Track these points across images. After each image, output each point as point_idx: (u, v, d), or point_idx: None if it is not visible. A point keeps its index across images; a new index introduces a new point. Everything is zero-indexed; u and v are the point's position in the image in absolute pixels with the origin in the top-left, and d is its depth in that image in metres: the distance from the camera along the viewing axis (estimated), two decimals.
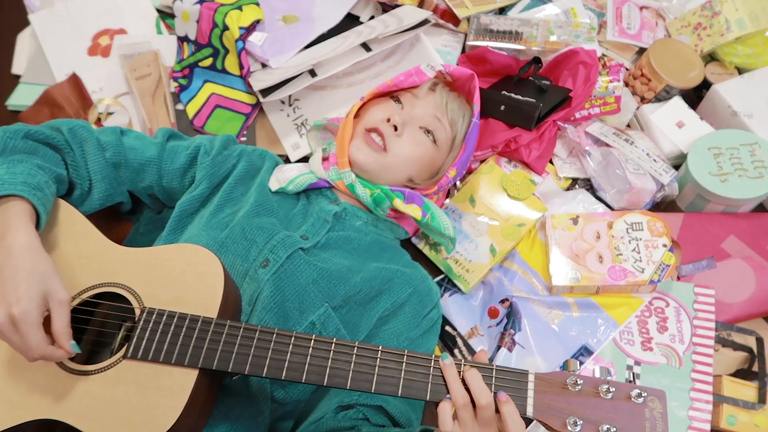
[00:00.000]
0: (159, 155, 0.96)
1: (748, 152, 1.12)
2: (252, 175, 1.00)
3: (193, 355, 0.70)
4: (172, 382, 0.69)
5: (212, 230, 0.89)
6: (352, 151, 0.96)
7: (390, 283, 0.92)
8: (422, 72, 1.02)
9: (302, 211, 0.97)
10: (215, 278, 0.75)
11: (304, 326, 0.84)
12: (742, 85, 1.21)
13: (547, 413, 0.67)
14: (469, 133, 1.01)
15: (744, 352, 1.03)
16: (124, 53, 1.24)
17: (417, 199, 0.99)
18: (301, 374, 0.69)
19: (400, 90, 1.03)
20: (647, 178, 1.12)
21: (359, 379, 0.69)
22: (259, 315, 0.82)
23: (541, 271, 1.10)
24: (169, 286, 0.75)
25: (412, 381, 0.69)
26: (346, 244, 0.95)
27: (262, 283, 0.84)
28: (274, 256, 0.86)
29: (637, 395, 0.67)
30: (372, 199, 0.96)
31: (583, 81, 1.19)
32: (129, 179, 0.96)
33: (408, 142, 0.97)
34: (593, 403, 0.67)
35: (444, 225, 0.99)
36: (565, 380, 0.69)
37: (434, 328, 0.97)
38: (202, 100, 1.23)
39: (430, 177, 1.03)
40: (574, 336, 1.04)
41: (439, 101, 1.01)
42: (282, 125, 1.22)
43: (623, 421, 0.66)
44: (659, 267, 1.03)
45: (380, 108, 1.00)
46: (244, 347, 0.70)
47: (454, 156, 1.03)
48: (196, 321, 0.72)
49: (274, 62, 1.19)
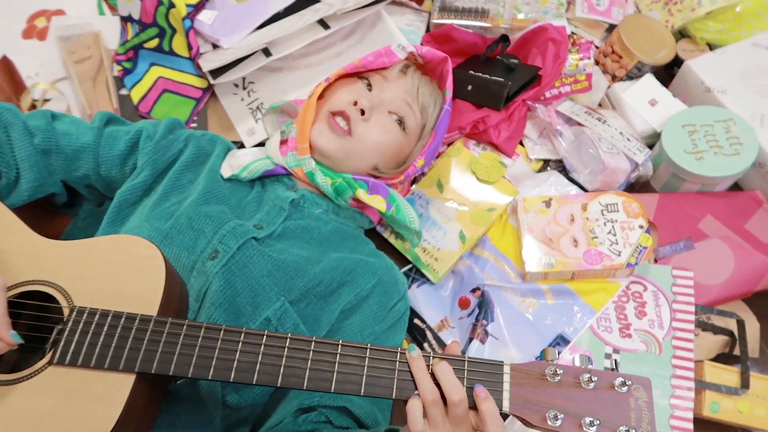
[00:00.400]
0: (96, 141, 0.88)
1: (723, 129, 1.08)
2: (201, 161, 0.92)
3: (129, 359, 0.62)
4: (104, 389, 0.61)
5: (155, 220, 0.81)
6: (314, 135, 0.89)
7: (353, 273, 0.85)
8: (392, 53, 0.95)
9: (256, 199, 0.89)
10: (155, 272, 0.67)
11: (258, 323, 0.76)
12: (715, 61, 1.17)
13: (524, 407, 0.62)
14: (440, 121, 0.95)
15: (725, 336, 0.99)
16: (61, 35, 1.15)
17: (381, 189, 0.92)
18: (251, 375, 0.62)
19: (368, 71, 0.95)
20: (621, 158, 1.07)
21: (317, 378, 0.62)
22: (208, 312, 0.75)
23: (514, 258, 1.04)
24: (103, 282, 0.67)
25: (376, 378, 0.62)
26: (305, 233, 0.88)
27: (210, 277, 0.76)
28: (223, 247, 0.78)
29: (621, 384, 0.62)
30: (333, 188, 0.89)
31: (553, 58, 1.14)
32: (62, 168, 0.87)
33: (375, 128, 0.90)
34: (574, 394, 0.62)
35: (409, 218, 0.93)
36: (543, 371, 0.64)
37: (401, 321, 0.91)
38: (148, 84, 1.14)
39: (397, 166, 0.96)
40: (550, 325, 0.98)
41: (410, 85, 0.95)
42: (236, 110, 1.14)
43: (607, 412, 0.62)
44: (636, 249, 0.99)
45: (347, 90, 0.92)
46: (188, 347, 0.63)
47: (423, 144, 0.97)
48: (132, 320, 0.64)
49: (226, 42, 1.10)
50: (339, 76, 0.94)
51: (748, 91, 1.13)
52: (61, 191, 0.90)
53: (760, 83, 1.14)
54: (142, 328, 0.64)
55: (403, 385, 0.63)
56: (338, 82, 0.94)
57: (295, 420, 0.78)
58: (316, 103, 0.91)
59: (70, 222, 0.99)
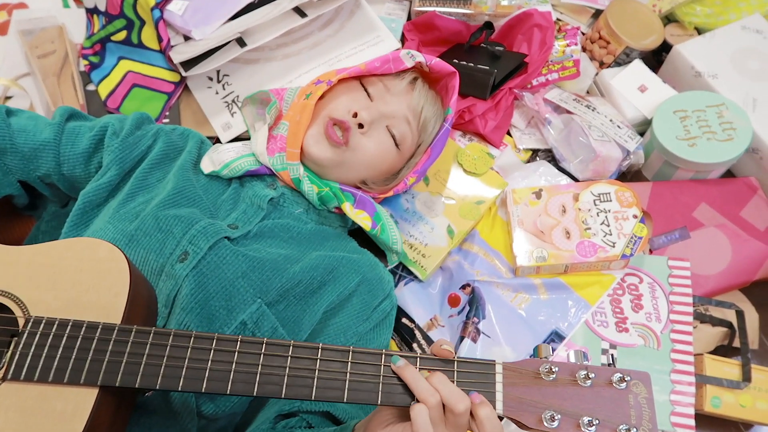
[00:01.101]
0: (56, 138, 0.82)
1: (716, 114, 1.04)
2: (171, 158, 0.86)
3: (90, 371, 0.57)
4: (64, 405, 0.56)
5: (120, 222, 0.75)
6: (308, 142, 0.83)
7: (335, 272, 0.80)
8: (400, 59, 0.89)
9: (233, 197, 0.84)
10: (118, 276, 0.62)
11: (233, 327, 0.71)
12: (704, 45, 1.13)
13: (519, 409, 0.59)
14: (438, 140, 0.90)
15: (723, 328, 0.96)
16: (23, 29, 1.09)
17: (368, 205, 0.88)
18: (225, 384, 0.56)
19: (371, 76, 0.89)
20: (612, 146, 1.03)
21: (296, 384, 0.57)
22: (179, 317, 0.69)
23: (504, 252, 1.00)
24: (62, 289, 0.61)
25: (360, 383, 0.58)
26: (284, 232, 0.82)
27: (180, 280, 0.71)
28: (193, 248, 0.73)
29: (619, 380, 0.59)
30: (318, 197, 0.84)
31: (539, 45, 1.10)
32: (18, 167, 0.81)
33: (371, 142, 0.85)
34: (571, 392, 0.59)
35: (393, 239, 0.89)
36: (537, 369, 0.60)
37: (387, 321, 0.86)
38: (116, 78, 1.08)
39: (386, 181, 0.92)
40: (544, 321, 0.94)
41: (416, 103, 0.88)
42: (210, 104, 1.08)
43: (606, 410, 0.58)
44: (631, 240, 0.94)
45: (348, 98, 0.86)
46: (155, 357, 0.57)
47: (415, 162, 0.92)
48: (94, 329, 0.58)
49: (198, 33, 1.05)
50: (340, 78, 0.87)
51: (739, 75, 1.10)
52: (19, 192, 0.84)
53: (751, 67, 1.10)
54: (105, 337, 0.58)
55: (388, 389, 0.58)
56: (338, 86, 0.88)
57: (273, 427, 0.72)
58: (314, 106, 0.84)
59: (33, 225, 0.92)
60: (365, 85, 0.87)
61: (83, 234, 0.78)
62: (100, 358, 0.57)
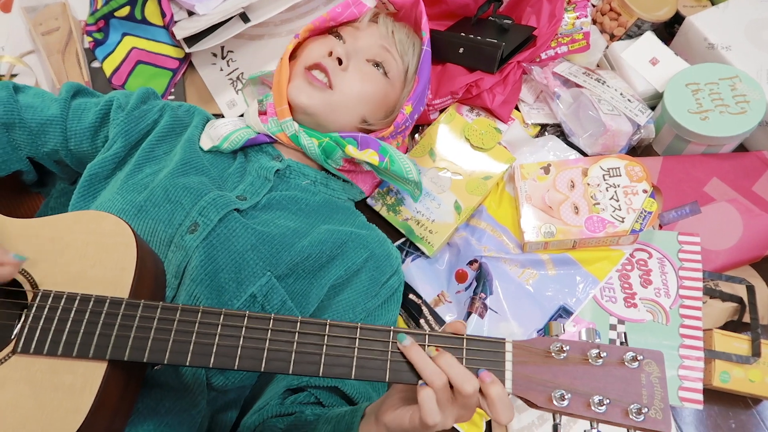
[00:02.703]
0: (63, 113, 0.82)
1: (729, 86, 1.03)
2: (177, 133, 0.86)
3: (99, 345, 0.57)
4: (74, 379, 0.56)
5: (128, 193, 0.75)
6: (292, 93, 0.84)
7: (343, 246, 0.80)
8: (361, 2, 0.91)
9: (239, 170, 0.84)
10: (125, 249, 0.62)
11: (243, 299, 0.71)
12: (718, 15, 1.11)
13: (528, 388, 0.57)
14: (422, 63, 0.90)
15: (733, 303, 0.95)
16: (27, 6, 1.08)
17: (372, 143, 0.87)
18: (233, 360, 0.57)
19: (339, 25, 0.91)
20: (622, 119, 1.02)
21: (304, 361, 0.57)
22: (189, 289, 0.70)
23: (512, 228, 1.00)
24: (69, 263, 0.62)
25: (368, 360, 0.57)
26: (292, 204, 0.82)
27: (190, 251, 0.71)
28: (203, 220, 0.73)
29: (632, 359, 0.58)
30: (321, 149, 0.84)
31: (548, 18, 1.08)
32: (27, 143, 0.81)
33: (356, 77, 0.85)
34: (582, 371, 0.58)
35: (406, 168, 0.87)
36: (548, 347, 0.59)
37: (395, 297, 0.86)
38: (121, 55, 1.07)
39: (385, 116, 0.91)
40: (551, 296, 0.94)
41: (384, 31, 0.90)
42: (215, 81, 1.08)
43: (617, 390, 0.57)
44: (640, 215, 0.94)
45: (319, 44, 0.88)
46: (162, 332, 0.58)
47: (408, 90, 0.92)
48: (102, 303, 0.59)
49: (201, 8, 1.04)
50: (309, 32, 0.90)
51: (753, 46, 1.08)
52: (28, 168, 0.84)
53: (766, 38, 1.08)
54: (113, 311, 0.58)
55: (396, 366, 0.58)
56: (309, 40, 0.91)
57: (282, 402, 0.73)
58: (288, 62, 0.86)
59: (42, 202, 0.93)
60: (333, 32, 0.90)
61: (91, 204, 0.78)
62: (108, 333, 0.58)
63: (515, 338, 0.92)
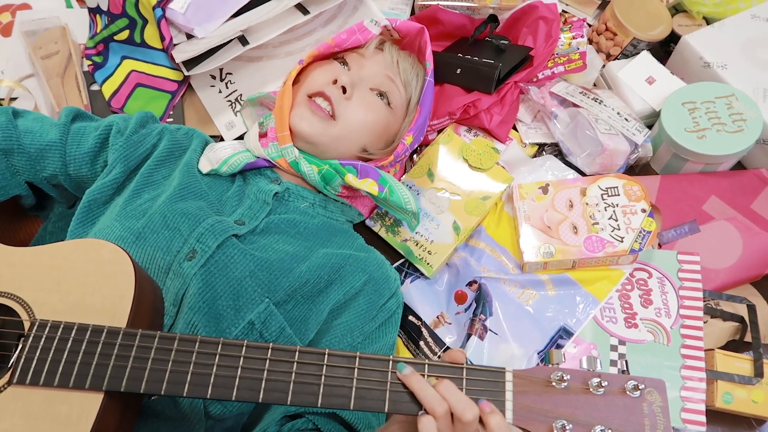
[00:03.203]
0: (62, 138, 0.82)
1: (725, 105, 1.03)
2: (176, 156, 0.86)
3: (95, 376, 0.56)
4: (69, 410, 0.56)
5: (127, 219, 0.75)
6: (294, 121, 0.83)
7: (341, 270, 0.80)
8: (366, 29, 0.90)
9: (237, 194, 0.84)
10: (123, 278, 0.61)
11: (241, 327, 0.70)
12: (713, 34, 1.11)
13: (529, 418, 0.57)
14: (424, 94, 0.90)
15: (734, 322, 0.94)
16: (27, 30, 1.08)
17: (372, 172, 0.86)
18: (230, 391, 0.56)
19: (343, 51, 0.90)
20: (620, 139, 1.02)
21: (302, 392, 0.56)
22: (186, 316, 0.69)
23: (511, 248, 0.99)
24: (67, 292, 0.61)
25: (367, 390, 0.57)
26: (291, 227, 0.82)
27: (187, 279, 0.70)
28: (201, 246, 0.72)
29: (633, 388, 0.58)
30: (320, 176, 0.84)
31: (545, 38, 1.08)
32: (26, 168, 0.81)
33: (359, 107, 0.85)
34: (583, 401, 0.57)
35: (404, 198, 0.87)
36: (548, 376, 0.59)
37: (393, 320, 0.85)
38: (120, 78, 1.07)
39: (386, 145, 0.91)
40: (551, 317, 0.93)
41: (389, 60, 0.90)
42: (213, 103, 1.08)
43: (619, 419, 0.57)
44: (639, 234, 0.93)
45: (323, 70, 0.87)
46: (160, 362, 0.57)
47: (410, 120, 0.91)
48: (99, 333, 0.58)
49: (200, 31, 1.04)
50: (313, 58, 0.89)
51: (749, 65, 1.08)
52: (27, 193, 0.84)
53: (761, 56, 1.08)
54: (110, 341, 0.58)
55: (396, 397, 0.57)
56: (313, 65, 0.89)
57: (280, 429, 0.72)
58: (291, 88, 0.85)
59: (40, 226, 0.92)
60: (338, 57, 0.89)
61: (89, 231, 0.77)
62: (105, 363, 0.57)
63: (516, 360, 0.91)
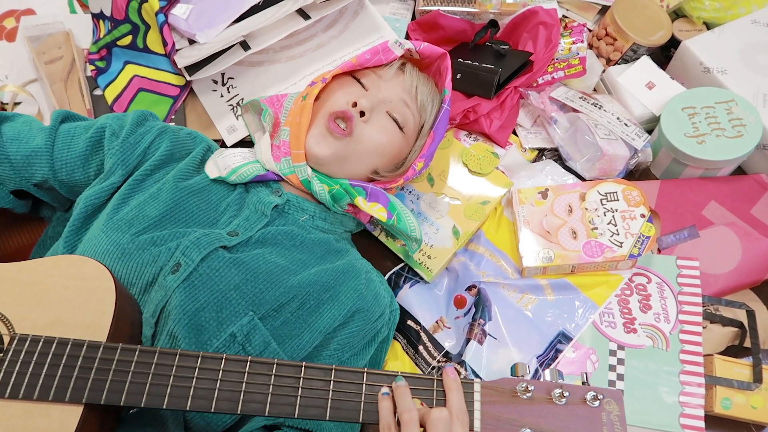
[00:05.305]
0: (48, 143, 0.76)
1: (725, 110, 0.97)
2: (176, 159, 0.80)
3: (75, 389, 0.52)
4: (49, 423, 0.51)
5: (113, 231, 0.70)
6: (310, 143, 0.78)
7: (332, 291, 0.75)
8: (389, 49, 0.84)
9: (237, 202, 0.78)
10: (104, 294, 0.57)
11: (223, 339, 0.66)
12: (713, 40, 1.05)
13: (496, 427, 0.58)
14: (439, 121, 0.84)
15: (734, 328, 0.89)
16: (30, 35, 1.04)
17: (381, 197, 0.82)
18: (209, 402, 0.52)
19: (363, 69, 0.84)
20: (619, 144, 0.96)
21: (279, 403, 0.54)
22: (168, 328, 0.64)
23: (510, 253, 0.94)
24: (48, 307, 0.57)
25: (342, 401, 0.55)
26: (287, 239, 0.77)
27: (169, 291, 0.66)
28: (185, 260, 0.68)
29: (593, 398, 0.60)
30: (331, 196, 0.79)
31: (545, 43, 1.03)
32: (10, 177, 0.76)
33: (374, 129, 0.80)
34: (546, 410, 0.59)
35: (410, 226, 0.83)
36: (514, 387, 0.60)
37: (377, 338, 0.81)
38: (122, 83, 1.03)
39: (395, 168, 0.86)
40: (550, 322, 0.88)
41: (408, 84, 0.84)
42: (215, 107, 1.03)
43: (579, 428, 0.58)
44: (638, 239, 0.88)
45: (344, 91, 0.81)
46: (140, 375, 0.53)
47: (421, 145, 0.86)
48: (79, 347, 0.54)
49: (202, 37, 0.99)
50: (334, 75, 0.83)
51: (749, 70, 1.02)
52: (13, 204, 0.79)
53: (761, 62, 1.02)
54: (90, 355, 0.54)
55: (370, 408, 0.56)
56: (332, 83, 0.83)
57: None
58: (312, 105, 0.79)
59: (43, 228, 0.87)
60: (358, 78, 0.84)
61: (79, 242, 0.72)
62: (85, 376, 0.53)
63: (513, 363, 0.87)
